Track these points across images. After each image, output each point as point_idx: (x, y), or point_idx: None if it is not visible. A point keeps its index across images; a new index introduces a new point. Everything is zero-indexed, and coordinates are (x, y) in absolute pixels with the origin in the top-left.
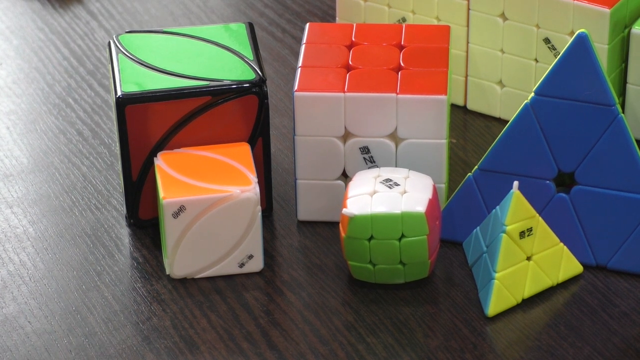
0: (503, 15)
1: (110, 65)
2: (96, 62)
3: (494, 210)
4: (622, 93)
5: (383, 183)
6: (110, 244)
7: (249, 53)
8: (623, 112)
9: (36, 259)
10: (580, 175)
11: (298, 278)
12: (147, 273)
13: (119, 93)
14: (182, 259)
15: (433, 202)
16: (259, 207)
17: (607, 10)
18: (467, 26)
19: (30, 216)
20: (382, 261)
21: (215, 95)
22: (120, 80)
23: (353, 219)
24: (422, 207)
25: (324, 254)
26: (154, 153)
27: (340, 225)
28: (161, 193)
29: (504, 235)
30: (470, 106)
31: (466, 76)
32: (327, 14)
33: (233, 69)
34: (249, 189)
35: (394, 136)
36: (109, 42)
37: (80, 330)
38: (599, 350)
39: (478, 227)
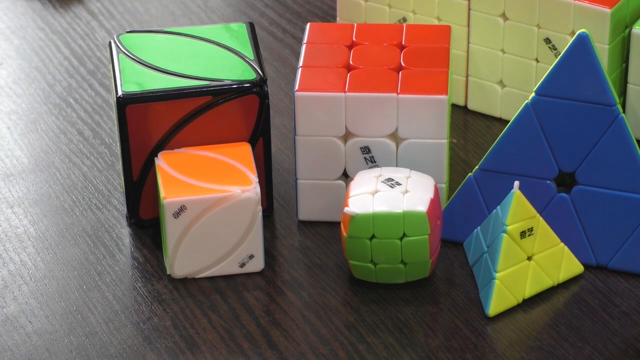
0: (504, 15)
1: (110, 65)
2: (97, 62)
3: (494, 210)
4: (623, 93)
5: (384, 182)
6: (111, 243)
7: (249, 53)
8: (624, 112)
9: (37, 258)
10: (581, 175)
11: (299, 278)
12: (148, 273)
13: (119, 93)
14: (182, 258)
15: (434, 202)
16: (260, 207)
17: (607, 10)
18: (468, 26)
19: (31, 216)
20: (384, 260)
21: (216, 95)
22: (120, 80)
23: (354, 218)
24: (423, 207)
25: (324, 254)
26: (154, 153)
27: (341, 224)
28: (162, 193)
29: (504, 235)
30: (470, 106)
31: (467, 76)
32: (328, 14)
33: (234, 69)
34: (250, 188)
35: (394, 136)
36: (110, 42)
37: (81, 330)
38: (599, 350)
39: (479, 227)
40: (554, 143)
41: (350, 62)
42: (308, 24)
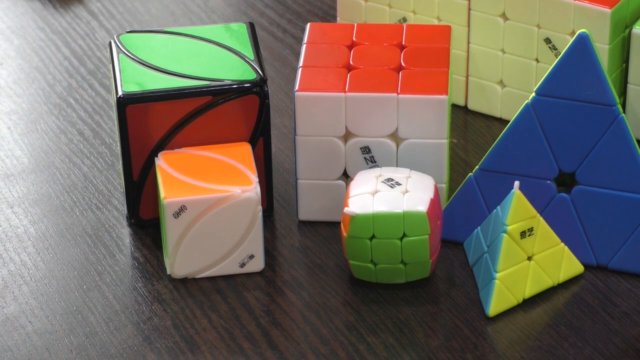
0: (504, 15)
1: (111, 65)
2: (97, 62)
3: (494, 210)
4: (623, 93)
5: (385, 182)
6: (111, 243)
7: (249, 53)
8: (624, 112)
9: (37, 258)
10: (581, 175)
11: (299, 278)
12: (148, 273)
13: (119, 93)
14: (183, 258)
15: (434, 202)
16: (260, 207)
17: (607, 10)
18: (468, 26)
19: (31, 216)
20: (384, 261)
21: (216, 95)
22: (121, 80)
23: (355, 218)
24: (423, 207)
25: (324, 254)
26: (154, 153)
27: (341, 224)
28: (162, 193)
29: (504, 235)
30: (471, 106)
31: (467, 76)
32: (328, 14)
33: (234, 69)
34: (250, 188)
35: (394, 136)
36: (110, 42)
37: (81, 330)
38: (599, 351)
39: (479, 227)
40: (554, 143)
41: (351, 62)
42: (308, 24)
